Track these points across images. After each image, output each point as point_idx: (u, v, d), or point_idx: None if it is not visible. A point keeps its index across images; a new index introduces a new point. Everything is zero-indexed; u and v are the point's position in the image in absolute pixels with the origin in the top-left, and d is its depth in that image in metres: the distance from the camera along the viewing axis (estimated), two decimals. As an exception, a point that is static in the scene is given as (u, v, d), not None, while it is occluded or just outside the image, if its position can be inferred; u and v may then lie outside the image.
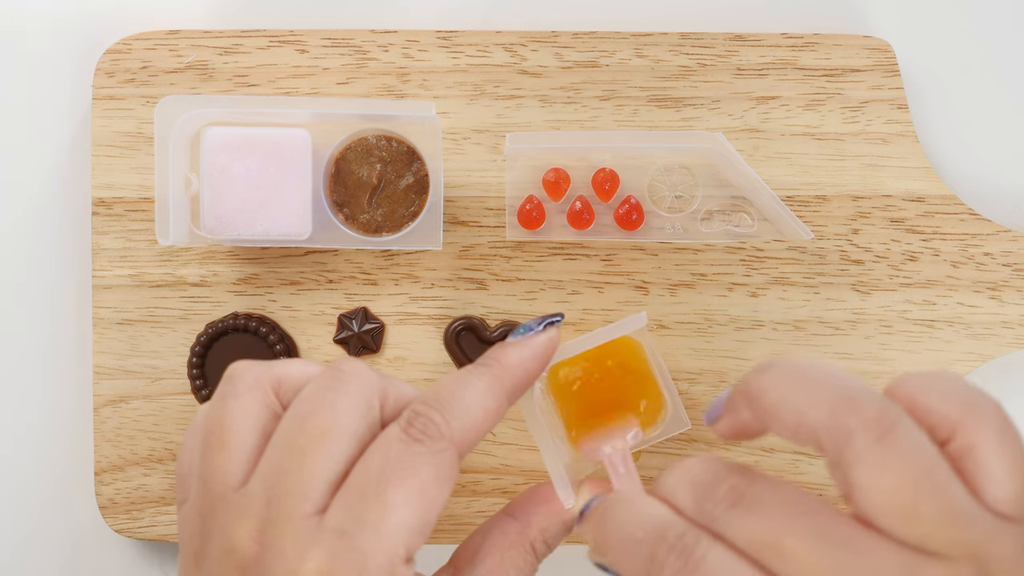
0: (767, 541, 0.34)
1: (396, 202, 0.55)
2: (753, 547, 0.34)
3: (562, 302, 0.57)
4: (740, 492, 0.35)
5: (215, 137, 0.53)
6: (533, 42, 0.57)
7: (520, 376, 0.43)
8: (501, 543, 0.42)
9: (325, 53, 0.57)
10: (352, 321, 0.57)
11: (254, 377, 0.41)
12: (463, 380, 0.41)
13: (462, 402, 0.40)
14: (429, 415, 0.39)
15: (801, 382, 0.36)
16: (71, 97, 0.59)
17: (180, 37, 0.57)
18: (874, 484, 0.33)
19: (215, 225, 0.53)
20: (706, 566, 0.34)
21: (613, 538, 0.37)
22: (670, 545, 0.35)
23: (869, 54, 0.57)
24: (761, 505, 0.35)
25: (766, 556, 0.34)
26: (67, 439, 0.59)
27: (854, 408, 0.34)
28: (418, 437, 0.38)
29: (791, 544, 0.33)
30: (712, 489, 0.36)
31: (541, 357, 0.44)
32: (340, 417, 0.39)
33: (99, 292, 0.57)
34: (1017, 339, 0.58)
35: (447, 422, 0.39)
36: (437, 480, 0.38)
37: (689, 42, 0.57)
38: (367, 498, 0.37)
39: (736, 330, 0.58)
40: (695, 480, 0.37)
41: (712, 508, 0.35)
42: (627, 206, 0.57)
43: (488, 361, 0.43)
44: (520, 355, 0.43)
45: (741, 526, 0.34)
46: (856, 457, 0.33)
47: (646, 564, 0.35)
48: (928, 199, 0.58)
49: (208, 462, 0.40)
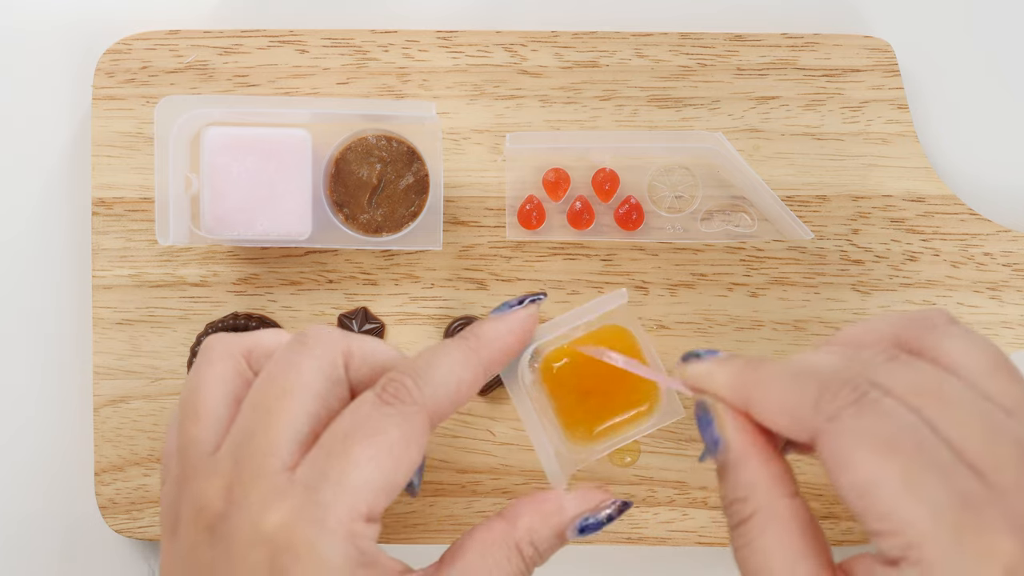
0: (928, 387, 0.35)
1: (396, 202, 0.55)
2: (912, 394, 0.35)
3: (562, 302, 0.57)
4: (893, 352, 0.37)
5: (215, 137, 0.53)
6: (533, 42, 0.57)
7: (497, 349, 0.43)
8: (485, 539, 0.41)
9: (325, 53, 0.57)
10: (352, 321, 0.57)
11: (225, 347, 0.42)
12: (440, 349, 0.41)
13: (437, 369, 0.40)
14: (402, 380, 0.40)
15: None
16: (71, 97, 0.59)
17: (180, 37, 0.57)
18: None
19: (215, 225, 0.53)
20: (881, 406, 0.35)
21: (773, 374, 0.38)
22: (844, 380, 0.36)
23: (869, 54, 0.57)
24: (918, 361, 0.37)
25: (926, 402, 0.35)
26: (67, 439, 0.59)
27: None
28: (389, 400, 0.39)
29: (950, 389, 0.36)
30: (861, 352, 0.38)
31: (519, 332, 0.44)
32: (303, 375, 0.39)
33: (99, 292, 0.57)
34: (1017, 339, 0.58)
35: (419, 388, 0.39)
36: (405, 440, 0.38)
37: (689, 42, 0.57)
38: (333, 454, 0.38)
39: (736, 330, 0.58)
40: (834, 351, 0.38)
41: (872, 357, 0.37)
42: (627, 206, 0.57)
43: (466, 334, 0.42)
44: (497, 329, 0.43)
45: (901, 375, 0.36)
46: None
47: (816, 393, 0.36)
48: (928, 199, 0.58)
49: (184, 433, 0.40)
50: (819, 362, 0.38)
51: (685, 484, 0.58)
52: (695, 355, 0.42)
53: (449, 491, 0.58)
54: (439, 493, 0.58)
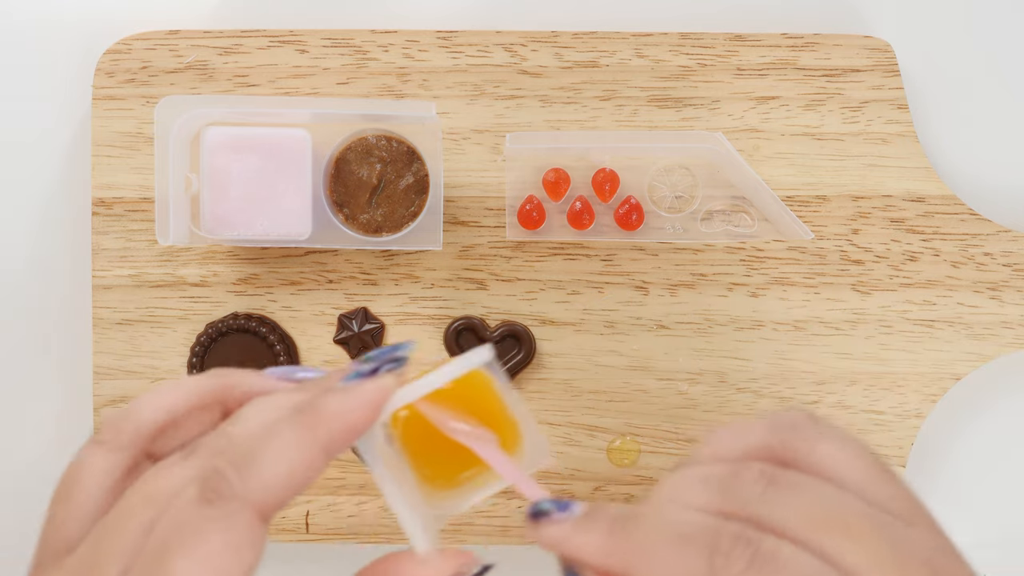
0: (822, 515, 0.32)
1: (396, 202, 0.55)
2: (809, 528, 0.32)
3: (562, 302, 0.57)
4: (770, 474, 0.33)
5: (215, 137, 0.53)
6: (533, 42, 0.57)
7: (338, 428, 0.37)
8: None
9: (325, 53, 0.57)
10: (352, 321, 0.57)
11: (128, 435, 0.39)
12: (272, 428, 0.36)
13: (265, 455, 0.35)
14: (224, 471, 0.35)
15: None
16: (71, 97, 0.59)
17: (180, 37, 0.57)
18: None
19: (215, 225, 0.53)
20: (779, 558, 0.32)
21: (652, 539, 0.34)
22: (733, 536, 0.32)
23: (869, 54, 0.57)
24: (799, 477, 0.33)
25: (826, 535, 0.32)
26: (67, 439, 0.59)
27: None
28: (209, 497, 0.34)
29: (845, 511, 0.32)
30: (737, 476, 0.34)
31: (367, 407, 0.38)
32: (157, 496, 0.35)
33: (99, 292, 0.57)
34: (1017, 339, 0.58)
35: (243, 480, 0.35)
36: (230, 547, 0.34)
37: (689, 42, 0.57)
38: (151, 568, 0.33)
39: (736, 330, 0.58)
40: (708, 476, 0.35)
41: (750, 486, 0.33)
42: (627, 206, 0.57)
43: (305, 408, 0.37)
44: (342, 404, 0.37)
45: (789, 505, 0.33)
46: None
47: (708, 558, 0.32)
48: (928, 199, 0.58)
49: (48, 513, 0.37)
50: (696, 520, 0.34)
51: (685, 484, 0.58)
52: (542, 512, 0.37)
53: (449, 491, 0.58)
54: (439, 493, 0.58)
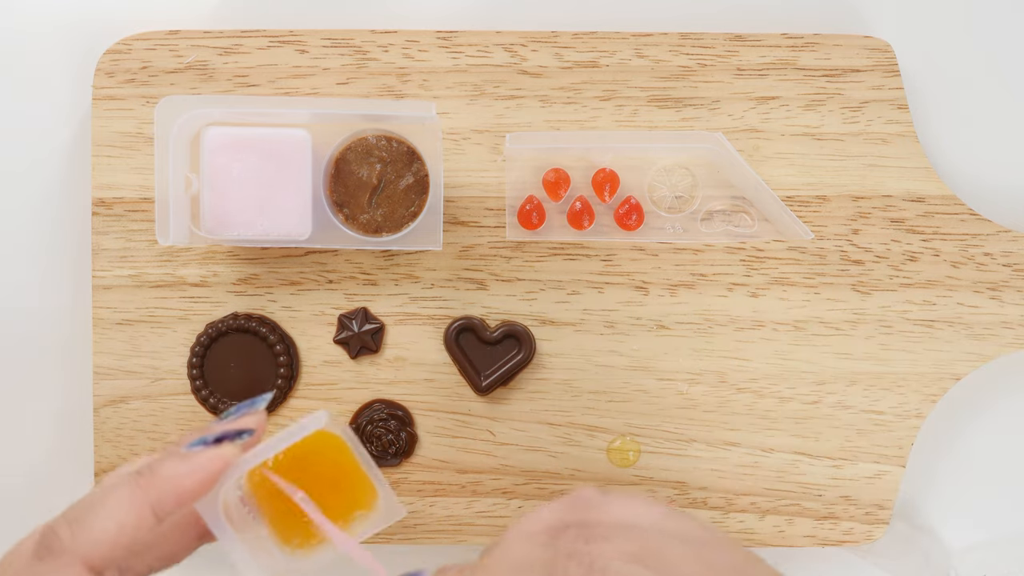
0: (645, 551, 0.36)
1: (396, 202, 0.55)
2: (630, 561, 0.35)
3: (562, 302, 0.57)
4: (585, 533, 0.37)
5: (215, 137, 0.53)
6: (533, 42, 0.57)
7: (170, 491, 0.39)
8: None
9: (325, 53, 0.57)
10: (352, 321, 0.57)
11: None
12: (108, 488, 0.39)
13: (97, 513, 0.38)
14: (57, 529, 0.38)
15: None
16: (71, 97, 0.59)
17: (180, 37, 0.57)
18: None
19: (215, 225, 0.53)
20: (612, 569, 0.35)
21: None
22: (569, 553, 0.36)
23: (869, 54, 0.57)
24: (606, 530, 0.37)
25: (647, 564, 0.35)
26: (67, 439, 0.59)
27: None
28: (41, 554, 0.37)
29: (667, 550, 0.36)
30: (555, 543, 0.37)
31: (201, 474, 0.40)
32: None
33: (99, 292, 0.57)
34: (1017, 339, 0.58)
35: (73, 536, 0.37)
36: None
37: (689, 42, 0.57)
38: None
39: (736, 330, 0.58)
40: (528, 561, 0.37)
41: (569, 548, 0.37)
42: (627, 206, 0.57)
43: (143, 469, 0.40)
44: (177, 469, 0.40)
45: (606, 551, 0.36)
46: None
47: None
48: (928, 199, 0.58)
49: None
50: (534, 553, 0.37)
51: (685, 484, 0.58)
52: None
53: (449, 491, 0.58)
54: (439, 493, 0.58)
